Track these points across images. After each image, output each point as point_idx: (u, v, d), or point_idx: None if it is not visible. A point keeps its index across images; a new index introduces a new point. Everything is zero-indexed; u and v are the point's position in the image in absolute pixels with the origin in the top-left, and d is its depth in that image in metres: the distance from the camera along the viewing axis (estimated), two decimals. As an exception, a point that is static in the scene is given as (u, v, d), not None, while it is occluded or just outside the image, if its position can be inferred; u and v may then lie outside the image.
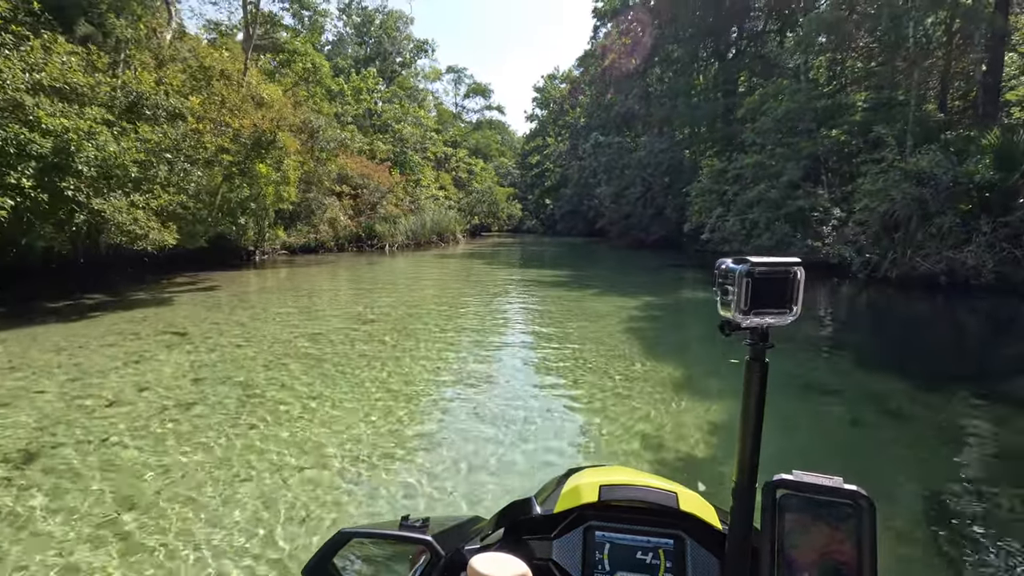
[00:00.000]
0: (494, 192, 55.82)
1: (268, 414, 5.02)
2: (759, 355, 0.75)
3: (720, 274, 0.75)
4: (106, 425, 4.73)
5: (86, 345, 7.45)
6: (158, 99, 10.31)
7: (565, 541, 0.95)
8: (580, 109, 57.27)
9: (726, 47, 36.56)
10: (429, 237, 36.10)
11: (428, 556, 0.91)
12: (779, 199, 18.79)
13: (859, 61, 24.55)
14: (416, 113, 39.65)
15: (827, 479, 0.68)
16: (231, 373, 6.26)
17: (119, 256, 13.98)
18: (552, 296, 12.74)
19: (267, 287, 13.49)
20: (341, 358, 6.83)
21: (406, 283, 14.75)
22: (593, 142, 37.70)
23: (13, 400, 5.35)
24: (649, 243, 34.17)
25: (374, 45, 41.77)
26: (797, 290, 0.72)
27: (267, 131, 13.39)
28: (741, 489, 0.76)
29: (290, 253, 24.91)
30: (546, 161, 64.67)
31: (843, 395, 6.02)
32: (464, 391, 5.84)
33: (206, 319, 9.20)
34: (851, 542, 0.66)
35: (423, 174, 38.45)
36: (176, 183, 10.35)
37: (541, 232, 61.80)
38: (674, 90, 37.00)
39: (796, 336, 9.27)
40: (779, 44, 31.59)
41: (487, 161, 65.26)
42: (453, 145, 56.86)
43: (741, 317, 0.73)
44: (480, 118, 70.46)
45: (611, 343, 7.86)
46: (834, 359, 7.75)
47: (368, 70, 34.62)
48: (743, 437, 0.75)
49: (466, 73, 66.53)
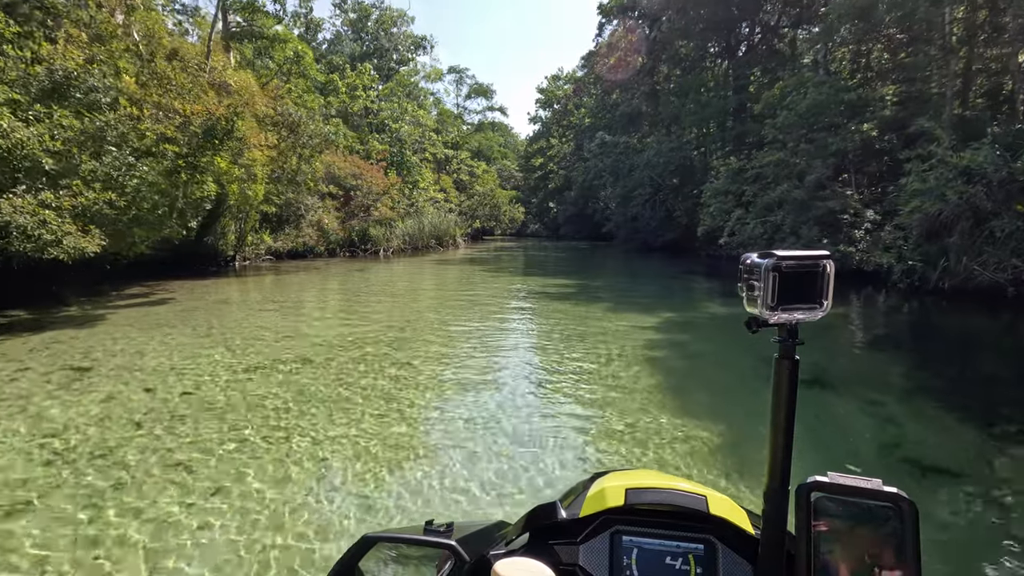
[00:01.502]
0: (496, 195, 54.29)
1: (123, 544, 3.06)
2: (789, 352, 0.70)
3: (745, 269, 0.71)
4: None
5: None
6: (92, 80, 8.70)
7: (592, 546, 0.92)
8: (584, 110, 55.73)
9: (737, 42, 34.99)
10: (427, 241, 34.53)
11: (453, 561, 0.89)
12: (805, 200, 17.10)
13: (885, 52, 22.89)
14: (415, 113, 38.09)
15: (865, 481, 0.65)
16: (109, 442, 4.36)
17: (73, 263, 12.39)
18: (557, 314, 11.03)
19: (230, 299, 11.76)
20: (275, 419, 4.89)
21: (391, 299, 13.07)
22: (598, 142, 36.06)
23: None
24: (658, 247, 32.57)
25: (371, 41, 40.27)
26: (827, 284, 0.67)
27: (222, 118, 11.69)
28: (773, 491, 0.72)
29: (276, 259, 23.35)
30: (550, 163, 63.13)
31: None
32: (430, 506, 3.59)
33: (128, 346, 7.53)
34: (892, 547, 0.64)
35: (421, 176, 36.86)
36: (108, 178, 8.71)
37: (545, 236, 60.51)
38: (683, 87, 35.37)
39: (835, 365, 7.57)
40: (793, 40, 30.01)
41: (489, 163, 63.80)
42: (454, 147, 55.41)
43: (768, 313, 0.68)
44: (482, 119, 68.94)
45: (632, 398, 5.66)
46: (897, 401, 6.05)
47: (363, 65, 33.02)
48: (774, 438, 0.72)
49: (468, 73, 65.21)
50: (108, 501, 3.51)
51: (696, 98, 32.55)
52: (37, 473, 3.89)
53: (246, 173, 13.04)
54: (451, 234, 38.35)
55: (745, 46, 35.23)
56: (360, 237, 28.25)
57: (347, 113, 32.59)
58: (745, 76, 32.44)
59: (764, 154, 19.38)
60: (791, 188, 17.69)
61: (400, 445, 4.45)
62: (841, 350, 8.43)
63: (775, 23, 32.09)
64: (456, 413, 5.23)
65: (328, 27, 44.41)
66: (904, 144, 18.14)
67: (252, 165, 13.17)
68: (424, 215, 35.39)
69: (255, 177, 13.40)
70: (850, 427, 5.02)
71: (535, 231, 64.73)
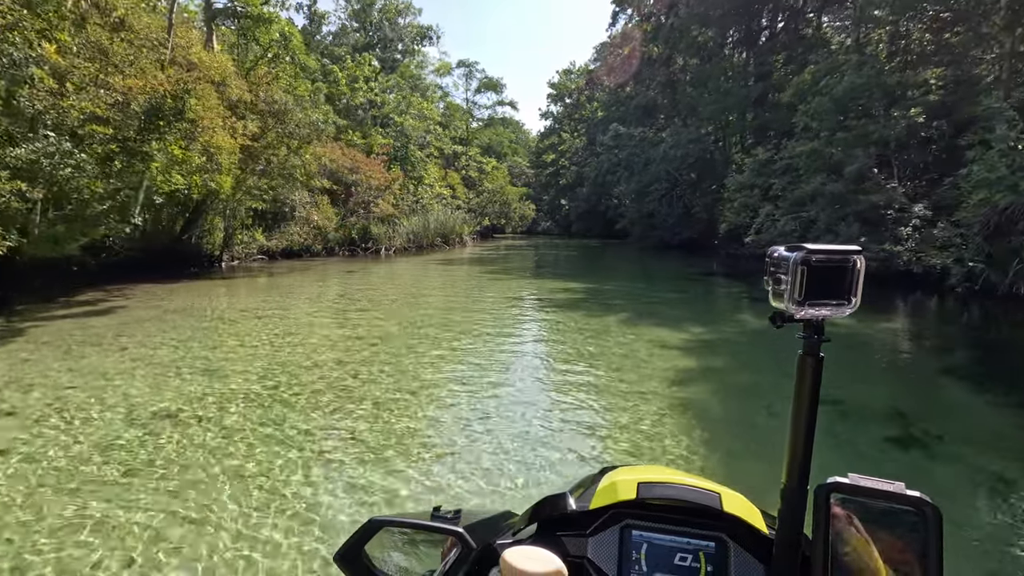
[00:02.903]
0: (506, 192, 52.76)
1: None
2: (813, 349, 0.69)
3: (772, 262, 0.70)
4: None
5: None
6: (14, 52, 7.28)
7: (601, 539, 0.91)
8: (597, 103, 53.98)
9: (759, 28, 33.09)
10: (432, 240, 33.12)
11: (459, 548, 0.86)
12: (844, 193, 15.35)
13: (927, 33, 20.95)
14: (420, 106, 36.63)
15: (887, 484, 0.63)
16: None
17: (35, 263, 11.13)
18: (569, 327, 9.44)
19: (190, 308, 10.24)
20: (186, 488, 3.53)
21: (372, 308, 11.59)
22: (612, 134, 34.32)
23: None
24: (675, 245, 30.90)
25: (374, 32, 38.85)
26: (857, 280, 0.65)
27: (168, 96, 10.12)
28: (791, 491, 0.71)
29: (269, 258, 22.05)
30: (561, 158, 61.47)
31: None
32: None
33: (28, 374, 6.15)
34: (914, 553, 0.61)
35: (426, 171, 35.40)
36: (31, 166, 7.32)
37: (556, 233, 59.07)
38: (702, 76, 33.52)
39: (914, 406, 5.96)
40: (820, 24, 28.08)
41: (500, 160, 62.30)
42: (462, 142, 53.96)
43: (795, 308, 0.67)
44: (492, 114, 67.37)
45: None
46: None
47: (364, 55, 31.51)
48: (794, 436, 0.71)
49: (477, 67, 63.41)
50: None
51: (716, 86, 30.69)
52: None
53: (210, 162, 11.53)
54: (458, 232, 36.90)
55: (767, 33, 33.42)
56: (361, 235, 26.89)
57: (348, 107, 31.24)
58: (768, 63, 30.59)
59: (795, 144, 17.61)
60: (827, 180, 15.95)
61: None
62: (909, 379, 6.80)
63: (800, 5, 30.11)
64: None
65: (334, 20, 43.22)
66: (955, 131, 16.32)
67: (217, 154, 11.65)
68: (430, 212, 34.00)
69: (220, 167, 11.87)
70: (993, 533, 3.38)
71: (546, 229, 63.36)
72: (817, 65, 19.83)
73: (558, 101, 64.58)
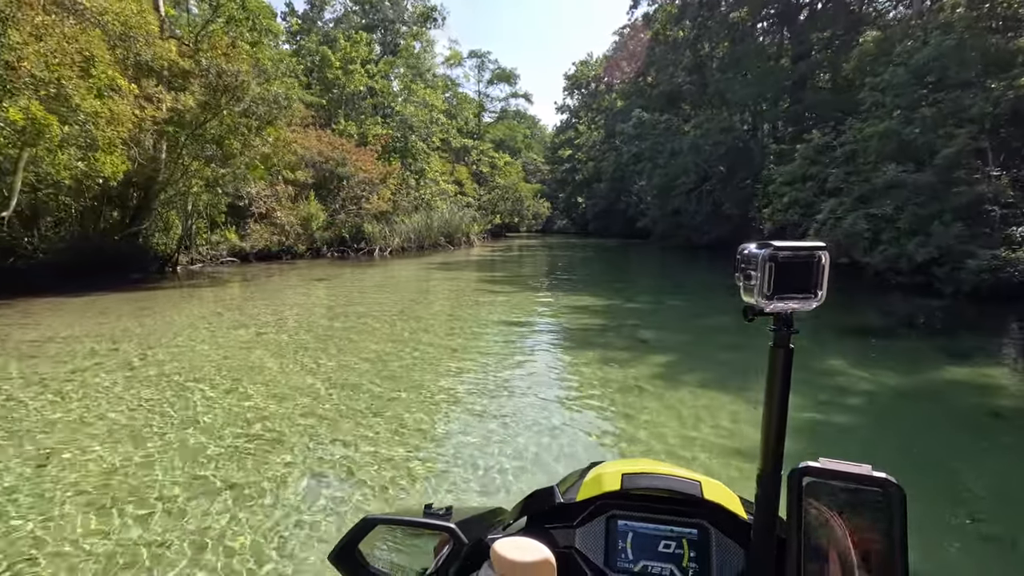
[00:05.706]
0: (519, 188, 49.78)
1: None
2: (784, 341, 0.71)
3: (742, 259, 0.72)
4: None
5: None
6: None
7: (588, 530, 0.93)
8: (616, 93, 50.62)
9: (799, 2, 29.61)
10: (436, 239, 30.31)
11: (452, 544, 0.87)
12: (935, 184, 12.10)
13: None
14: (423, 94, 33.76)
15: (855, 466, 0.66)
16: None
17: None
18: (592, 382, 6.41)
19: (72, 336, 7.57)
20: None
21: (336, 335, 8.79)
22: (635, 121, 31.07)
23: None
24: (703, 245, 27.69)
25: (374, 13, 36.00)
26: (822, 275, 0.69)
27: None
28: (766, 477, 0.73)
29: (242, 261, 19.42)
30: (578, 152, 58.28)
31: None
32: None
33: None
34: (880, 532, 0.64)
35: (428, 164, 32.52)
36: None
37: (572, 232, 56.17)
38: (733, 58, 30.13)
39: None
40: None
41: (514, 155, 59.35)
42: (473, 136, 51.08)
43: (764, 302, 0.69)
44: (505, 107, 64.29)
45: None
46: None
47: (359, 34, 28.57)
48: (767, 423, 0.73)
49: (490, 58, 60.37)
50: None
51: (751, 67, 27.35)
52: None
53: (83, 135, 8.65)
54: (465, 231, 34.02)
55: (807, 10, 29.99)
56: (352, 234, 24.15)
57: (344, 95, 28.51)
58: (807, 42, 27.18)
59: (864, 125, 14.35)
60: (909, 169, 12.71)
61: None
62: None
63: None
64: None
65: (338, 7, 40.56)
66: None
67: (93, 122, 8.67)
68: (433, 210, 31.19)
69: (96, 144, 8.98)
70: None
71: (562, 227, 60.48)
72: (888, 31, 16.49)
73: (574, 92, 61.34)
